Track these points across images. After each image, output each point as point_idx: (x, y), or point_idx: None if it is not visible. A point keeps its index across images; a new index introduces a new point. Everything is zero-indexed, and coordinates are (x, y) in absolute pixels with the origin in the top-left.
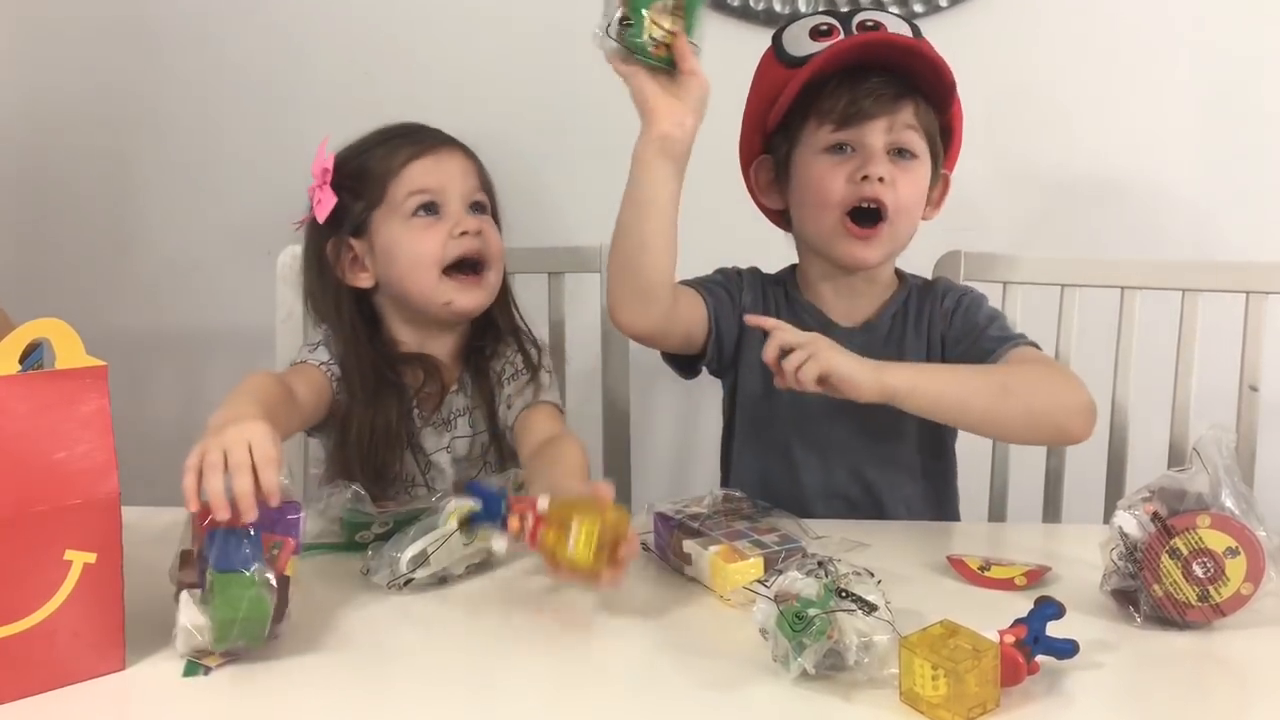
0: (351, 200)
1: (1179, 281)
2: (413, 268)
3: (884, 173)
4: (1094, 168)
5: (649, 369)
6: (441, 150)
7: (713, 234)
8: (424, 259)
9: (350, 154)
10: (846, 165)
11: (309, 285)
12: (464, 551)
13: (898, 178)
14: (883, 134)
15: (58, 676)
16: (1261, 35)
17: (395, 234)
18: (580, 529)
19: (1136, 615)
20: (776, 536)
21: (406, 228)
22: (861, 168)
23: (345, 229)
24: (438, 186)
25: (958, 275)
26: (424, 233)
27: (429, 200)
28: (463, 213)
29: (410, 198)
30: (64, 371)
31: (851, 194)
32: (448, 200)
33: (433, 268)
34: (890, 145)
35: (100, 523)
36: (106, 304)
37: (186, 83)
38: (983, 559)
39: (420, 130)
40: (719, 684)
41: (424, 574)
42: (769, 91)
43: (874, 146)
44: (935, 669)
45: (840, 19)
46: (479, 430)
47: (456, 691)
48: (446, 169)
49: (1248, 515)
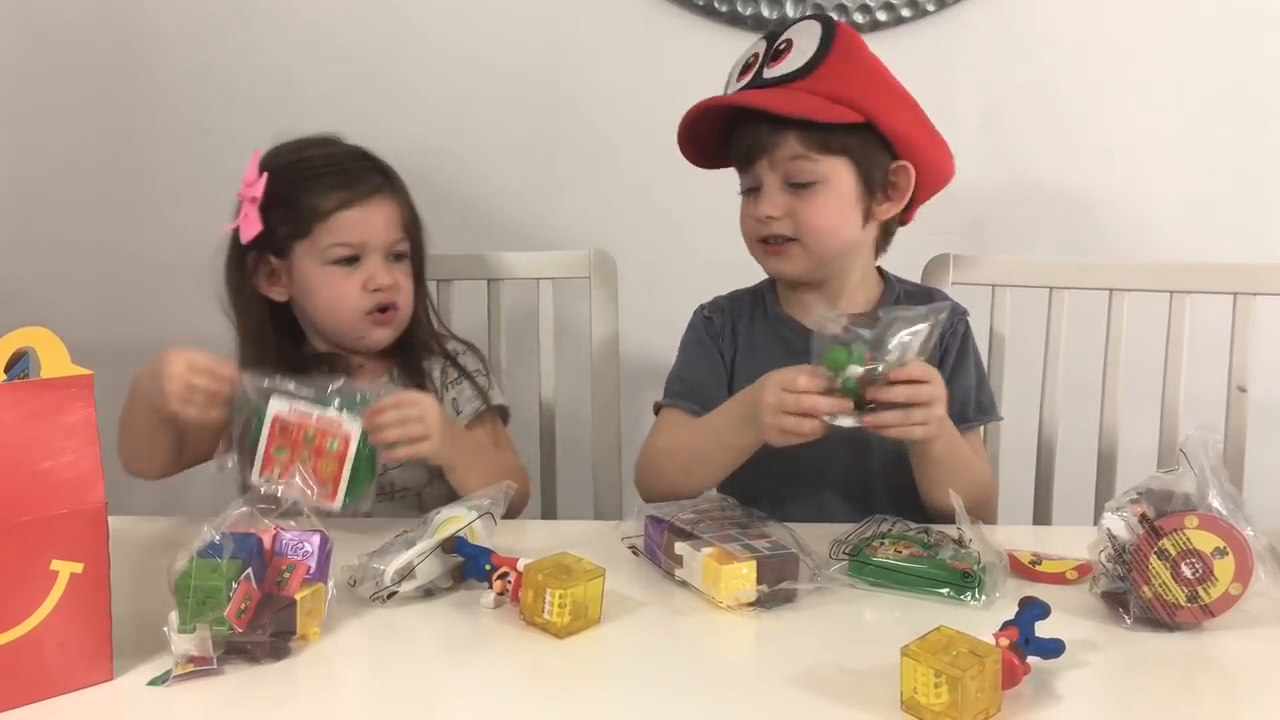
0: (277, 222)
1: (1167, 283)
2: (330, 310)
3: (772, 210)
4: (1087, 170)
5: (640, 374)
6: (371, 201)
7: (714, 234)
8: (340, 305)
9: (284, 175)
10: (753, 204)
11: (228, 290)
12: (452, 563)
13: (796, 208)
14: (769, 171)
15: (45, 687)
16: (1254, 38)
17: (313, 273)
18: (554, 597)
19: (1126, 617)
20: (768, 542)
21: (325, 272)
22: (759, 207)
23: (267, 247)
24: (360, 241)
25: (947, 277)
26: (342, 281)
27: (350, 254)
28: (380, 264)
29: (333, 247)
30: (50, 381)
31: (756, 230)
32: (368, 253)
33: (348, 312)
34: (785, 179)
35: (87, 532)
36: (93, 312)
37: (178, 86)
38: (1032, 553)
39: (353, 172)
40: (711, 688)
41: (409, 586)
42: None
43: (769, 184)
44: (938, 676)
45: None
46: None
47: (442, 696)
48: (372, 222)
49: (1235, 515)
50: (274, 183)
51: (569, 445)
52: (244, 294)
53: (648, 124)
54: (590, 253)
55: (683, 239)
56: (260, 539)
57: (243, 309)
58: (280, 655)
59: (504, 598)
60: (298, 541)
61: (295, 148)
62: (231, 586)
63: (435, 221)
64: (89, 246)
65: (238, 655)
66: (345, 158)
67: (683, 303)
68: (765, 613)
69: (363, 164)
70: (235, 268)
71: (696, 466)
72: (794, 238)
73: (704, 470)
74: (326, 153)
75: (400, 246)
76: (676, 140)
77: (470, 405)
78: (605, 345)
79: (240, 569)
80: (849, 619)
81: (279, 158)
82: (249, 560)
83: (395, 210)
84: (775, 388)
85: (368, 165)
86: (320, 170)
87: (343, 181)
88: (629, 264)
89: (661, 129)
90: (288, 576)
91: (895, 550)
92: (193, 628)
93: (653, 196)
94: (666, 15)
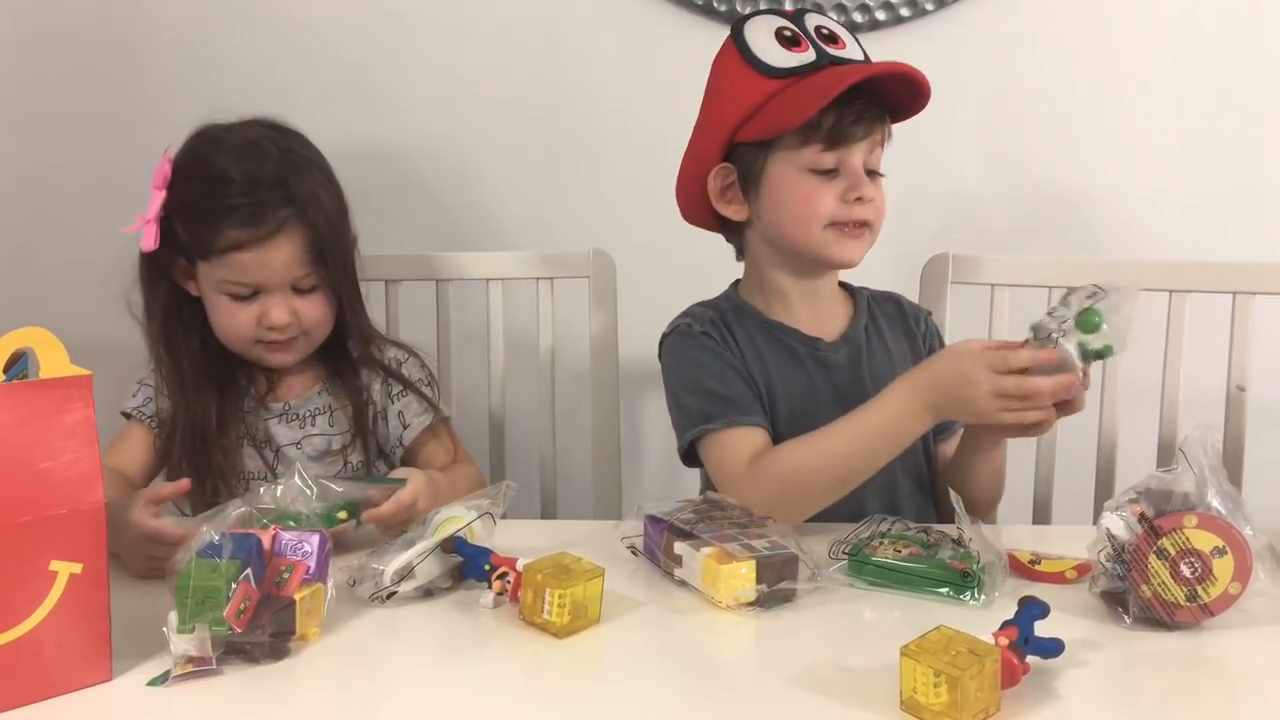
0: (178, 232)
1: (1166, 282)
2: (223, 334)
3: (869, 193)
4: (1086, 169)
5: (639, 374)
6: (271, 242)
7: (714, 235)
8: (232, 334)
9: (185, 190)
10: (835, 185)
11: (140, 278)
12: (450, 563)
13: (874, 195)
14: (863, 154)
15: (44, 688)
16: (1254, 38)
17: (210, 296)
18: (553, 597)
19: (1125, 616)
20: (767, 542)
21: (219, 300)
22: (852, 189)
23: (174, 250)
24: (255, 282)
25: (946, 277)
26: (235, 313)
27: (245, 292)
28: (279, 300)
29: (226, 283)
30: (49, 381)
31: (842, 213)
32: (266, 290)
33: (241, 341)
34: (866, 165)
35: (86, 533)
36: (93, 312)
37: (178, 87)
38: (1031, 553)
39: (256, 206)
40: (711, 688)
41: (409, 586)
42: (744, 100)
43: (857, 167)
44: (937, 675)
45: (793, 20)
46: (340, 430)
47: (442, 695)
48: (269, 263)
49: (1234, 514)
50: (174, 198)
51: (568, 445)
52: (156, 285)
53: (647, 124)
54: (589, 252)
55: (682, 239)
56: (259, 539)
57: (151, 299)
58: (279, 655)
59: (503, 598)
60: (297, 542)
61: (207, 153)
62: (231, 587)
63: (435, 222)
64: (89, 246)
65: (237, 655)
66: (255, 184)
67: (683, 303)
68: (764, 612)
69: (272, 193)
70: (148, 258)
71: (853, 477)
72: (868, 222)
73: (861, 477)
74: (238, 171)
75: (305, 281)
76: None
77: (418, 419)
78: (604, 345)
79: (239, 569)
80: (848, 619)
81: (186, 167)
82: (248, 560)
83: (299, 246)
84: (986, 372)
85: (277, 194)
86: (223, 200)
87: (242, 220)
88: (629, 264)
89: (661, 129)
90: (287, 577)
91: (894, 550)
92: (192, 628)
93: (653, 196)
94: (665, 14)
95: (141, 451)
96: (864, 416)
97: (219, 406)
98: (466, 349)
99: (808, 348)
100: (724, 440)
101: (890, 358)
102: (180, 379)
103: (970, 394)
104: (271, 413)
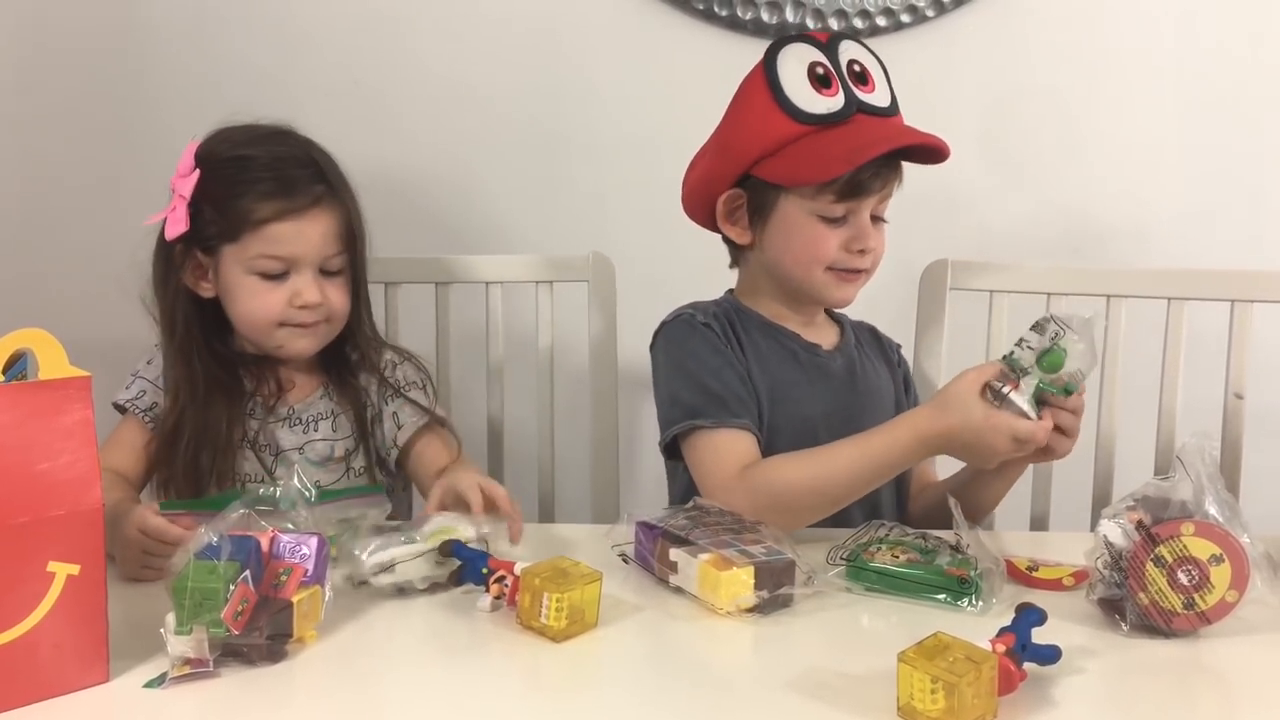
0: (206, 221)
1: (1165, 290)
2: (248, 318)
3: (872, 244)
4: (1085, 176)
5: (637, 379)
6: (308, 214)
7: (713, 236)
8: (259, 316)
9: (218, 173)
10: (840, 233)
11: (153, 282)
12: (432, 571)
13: (876, 244)
14: (872, 205)
15: (41, 689)
16: (1254, 44)
17: (237, 280)
18: (551, 601)
19: (1123, 623)
20: (763, 548)
21: (248, 282)
22: (856, 240)
23: (195, 242)
24: (291, 255)
25: (944, 283)
26: (265, 294)
27: (280, 268)
28: (310, 279)
29: (260, 259)
30: (48, 382)
31: (843, 260)
32: (298, 267)
33: (267, 324)
34: (873, 212)
35: (83, 534)
36: (93, 312)
37: (178, 87)
38: (1029, 559)
39: (294, 180)
40: (708, 693)
41: (385, 580)
42: (767, 137)
43: (865, 221)
44: (934, 682)
45: (826, 51)
46: (342, 436)
47: (439, 699)
48: (307, 235)
49: (1231, 522)
50: (206, 180)
51: (567, 449)
52: (169, 288)
53: (647, 128)
54: (589, 255)
55: (682, 241)
56: (258, 541)
57: (167, 303)
58: (276, 658)
59: (501, 601)
60: (295, 544)
61: (236, 141)
62: (229, 588)
63: (434, 223)
64: (89, 246)
65: (234, 657)
66: (288, 161)
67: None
68: (762, 618)
69: (305, 170)
70: (162, 260)
71: (847, 499)
72: (865, 269)
73: (853, 499)
74: (269, 152)
75: (334, 262)
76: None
77: (411, 420)
78: (603, 349)
79: (238, 571)
80: (846, 624)
81: (216, 152)
82: (246, 562)
83: (334, 223)
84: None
85: (310, 172)
86: (258, 174)
87: (281, 190)
88: (628, 266)
89: (661, 133)
90: (285, 579)
91: (892, 555)
92: (189, 629)
93: (652, 199)
94: (667, 18)
95: (137, 449)
96: (869, 446)
97: (228, 413)
98: (466, 352)
99: (808, 352)
100: (713, 440)
101: (879, 376)
102: (193, 387)
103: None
104: (277, 417)
